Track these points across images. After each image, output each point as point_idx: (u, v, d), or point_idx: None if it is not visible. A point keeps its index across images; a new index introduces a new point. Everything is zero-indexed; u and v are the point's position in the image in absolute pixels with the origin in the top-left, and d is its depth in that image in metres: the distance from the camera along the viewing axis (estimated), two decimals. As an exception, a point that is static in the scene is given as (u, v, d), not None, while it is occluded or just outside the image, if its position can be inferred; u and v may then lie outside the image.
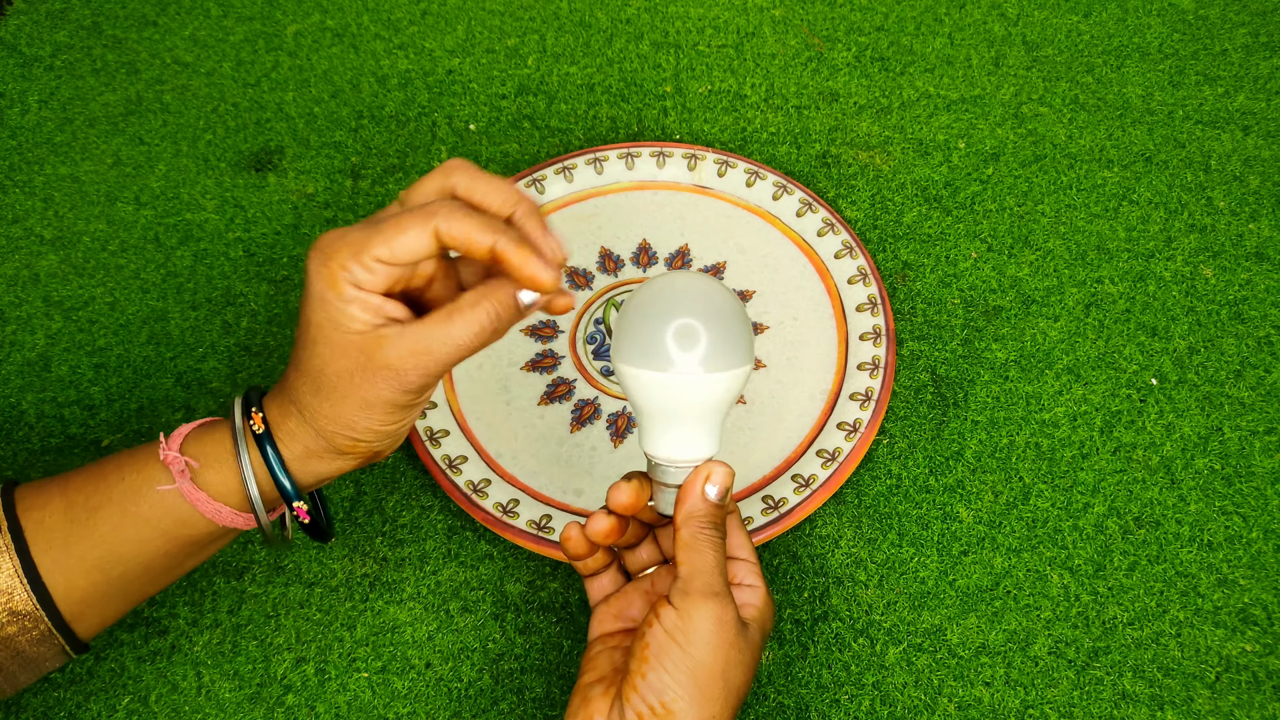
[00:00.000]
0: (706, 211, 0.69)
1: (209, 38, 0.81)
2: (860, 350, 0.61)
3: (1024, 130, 0.74)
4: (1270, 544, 0.56)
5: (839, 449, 0.57)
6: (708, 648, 0.40)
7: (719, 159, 0.70)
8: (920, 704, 0.51)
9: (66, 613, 0.41)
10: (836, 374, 0.61)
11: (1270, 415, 0.60)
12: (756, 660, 0.42)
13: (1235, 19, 0.80)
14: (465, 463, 0.57)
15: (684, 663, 0.39)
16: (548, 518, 0.55)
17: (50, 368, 0.64)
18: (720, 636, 0.40)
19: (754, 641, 0.42)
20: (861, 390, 0.59)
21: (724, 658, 0.40)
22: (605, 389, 0.61)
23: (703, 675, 0.40)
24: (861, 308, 0.63)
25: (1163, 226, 0.68)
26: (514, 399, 0.61)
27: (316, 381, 0.40)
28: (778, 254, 0.67)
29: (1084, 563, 0.55)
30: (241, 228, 0.70)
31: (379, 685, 0.52)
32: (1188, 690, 0.51)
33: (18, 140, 0.75)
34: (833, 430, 0.58)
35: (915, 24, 0.81)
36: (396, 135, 0.75)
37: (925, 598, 0.54)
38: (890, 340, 0.61)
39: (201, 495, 0.41)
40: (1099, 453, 0.59)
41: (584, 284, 0.66)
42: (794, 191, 0.68)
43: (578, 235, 0.68)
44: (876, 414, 0.58)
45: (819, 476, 0.56)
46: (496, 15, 0.82)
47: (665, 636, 0.40)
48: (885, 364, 0.60)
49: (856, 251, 0.65)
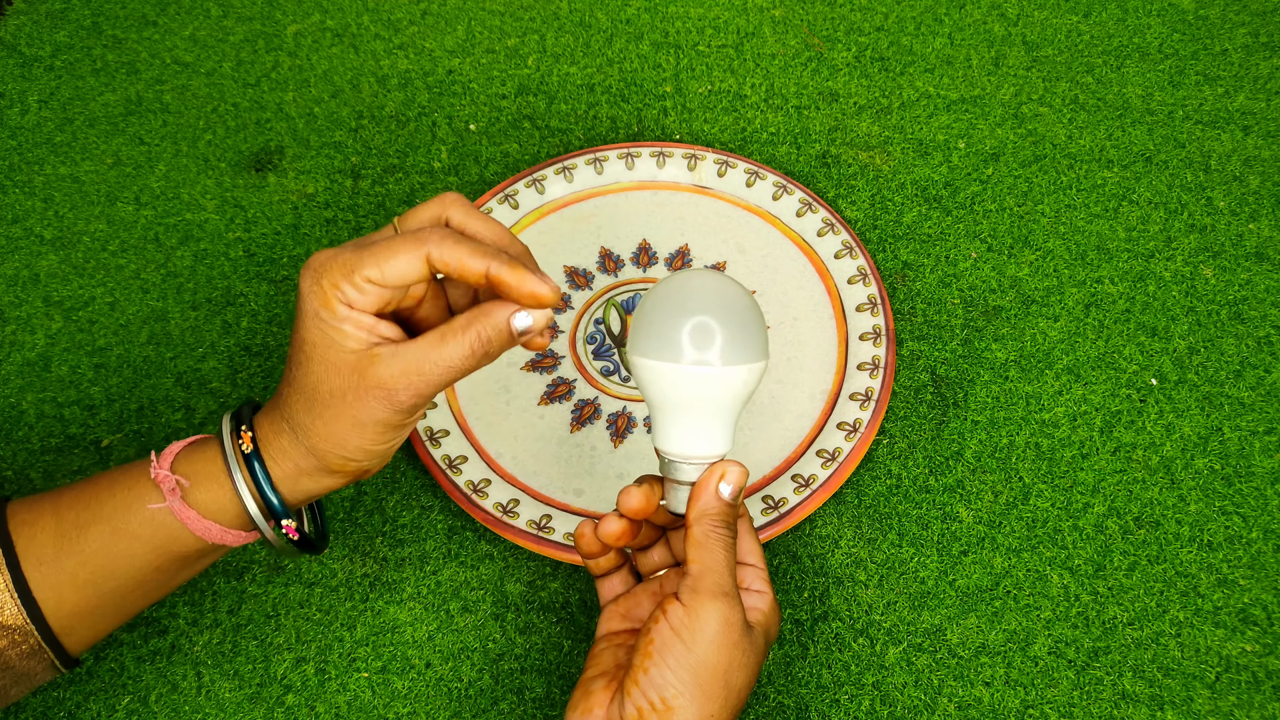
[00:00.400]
0: (706, 211, 0.69)
1: (209, 38, 0.81)
2: (860, 350, 0.61)
3: (1024, 130, 0.74)
4: (1270, 544, 0.56)
5: (839, 449, 0.57)
6: (712, 647, 0.40)
7: (719, 159, 0.70)
8: (920, 704, 0.51)
9: (56, 627, 0.41)
10: (836, 374, 0.61)
11: (1270, 415, 0.60)
12: (759, 665, 0.42)
13: (1235, 19, 0.80)
14: (465, 463, 0.57)
15: (687, 660, 0.39)
16: (548, 518, 0.55)
17: (50, 367, 0.64)
18: (725, 636, 0.40)
19: (758, 646, 0.42)
20: (861, 390, 0.59)
21: (727, 658, 0.40)
22: (605, 389, 0.61)
23: (705, 674, 0.39)
24: (861, 308, 0.63)
25: (1163, 226, 0.69)
26: (514, 399, 0.61)
27: (310, 399, 0.40)
28: (778, 254, 0.67)
29: (1084, 563, 0.55)
30: (241, 228, 0.70)
31: (379, 685, 0.52)
32: (1188, 690, 0.51)
33: (18, 140, 0.75)
34: (833, 430, 0.58)
35: (915, 24, 0.81)
36: (396, 135, 0.75)
37: (925, 598, 0.54)
38: (890, 340, 0.61)
39: (192, 514, 0.41)
40: (1099, 453, 0.59)
41: (584, 284, 0.66)
42: (794, 191, 0.68)
43: (578, 235, 0.68)
44: (876, 414, 0.58)
45: (819, 476, 0.56)
46: (496, 15, 0.82)
47: (671, 633, 0.40)
48: (885, 364, 0.60)
49: (856, 251, 0.65)
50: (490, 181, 0.72)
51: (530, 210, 0.69)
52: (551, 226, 0.68)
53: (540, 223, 0.69)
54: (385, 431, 0.40)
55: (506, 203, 0.68)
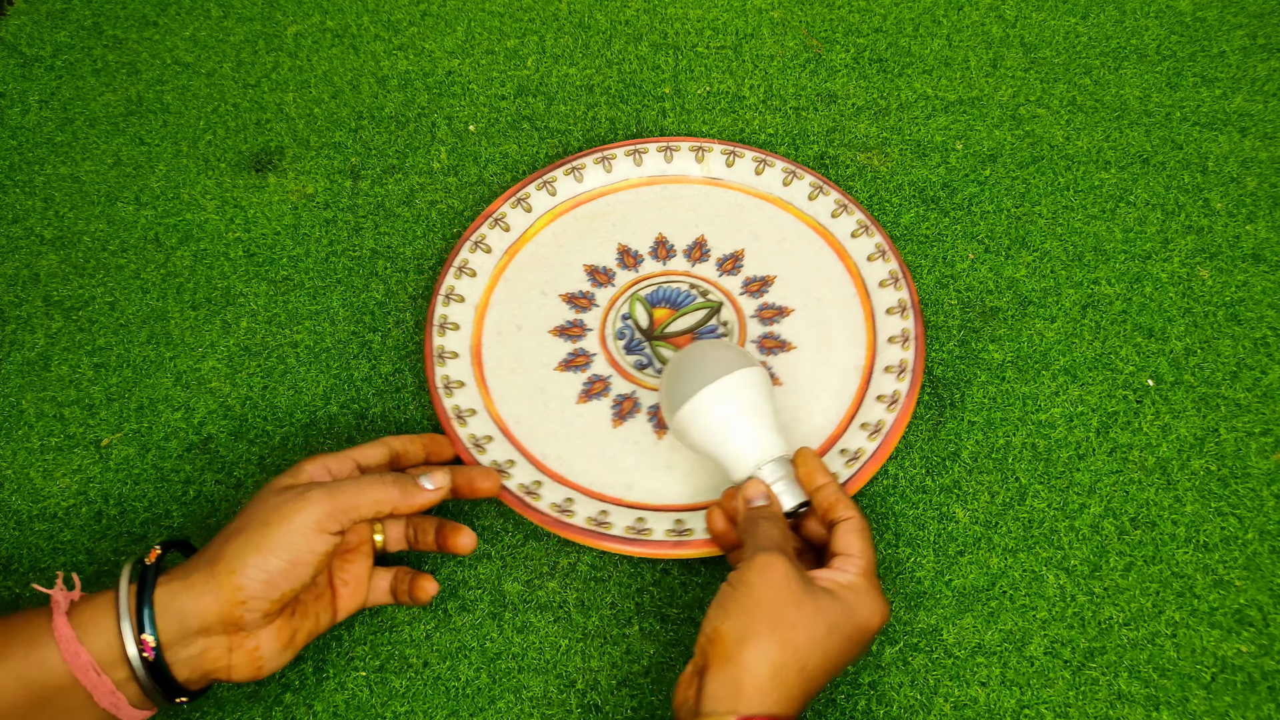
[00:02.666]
0: (718, 202, 0.70)
1: (209, 38, 0.82)
2: (888, 324, 0.63)
3: (1021, 132, 0.74)
4: (1266, 545, 0.56)
5: (881, 421, 0.58)
6: (758, 584, 0.45)
7: (725, 149, 0.71)
8: (916, 703, 0.51)
9: None
10: (868, 351, 0.62)
11: (1266, 417, 0.60)
12: (820, 619, 0.44)
13: (1233, 21, 0.80)
14: (513, 466, 0.58)
15: (734, 597, 0.45)
16: (604, 513, 0.56)
17: (50, 367, 0.64)
18: (768, 577, 0.45)
19: (826, 610, 0.45)
20: (895, 363, 0.60)
21: (773, 595, 0.44)
22: (641, 382, 0.62)
23: (750, 604, 0.44)
24: (884, 283, 0.64)
25: (1160, 228, 0.69)
26: (551, 399, 0.61)
27: (236, 531, 0.46)
28: (793, 239, 0.68)
29: (1080, 563, 0.55)
30: (241, 228, 0.70)
31: (376, 684, 0.53)
32: (1183, 691, 0.52)
33: (18, 140, 0.75)
34: (872, 404, 0.59)
35: (913, 25, 0.81)
36: (396, 136, 0.75)
37: (921, 598, 0.55)
38: (917, 313, 0.62)
39: (69, 632, 0.42)
40: (1095, 453, 0.59)
41: (606, 281, 0.66)
42: (803, 176, 0.69)
43: (591, 234, 0.69)
44: (913, 387, 0.59)
45: (866, 449, 0.57)
46: (496, 16, 0.83)
47: (727, 587, 0.46)
48: (915, 335, 0.61)
49: (873, 230, 0.66)
50: (489, 182, 0.72)
51: (543, 212, 0.69)
52: (566, 227, 0.69)
53: (555, 224, 0.69)
54: (305, 540, 0.45)
55: (519, 206, 0.69)
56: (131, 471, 0.60)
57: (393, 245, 0.69)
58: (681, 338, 0.63)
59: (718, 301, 0.65)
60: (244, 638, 0.46)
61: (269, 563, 0.44)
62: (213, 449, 0.61)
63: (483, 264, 0.66)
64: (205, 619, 0.44)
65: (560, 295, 0.66)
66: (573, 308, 0.65)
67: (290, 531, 0.45)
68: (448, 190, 0.72)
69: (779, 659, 0.43)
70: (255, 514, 0.46)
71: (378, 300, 0.67)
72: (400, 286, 0.67)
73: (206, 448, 0.61)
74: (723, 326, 0.64)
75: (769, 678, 0.43)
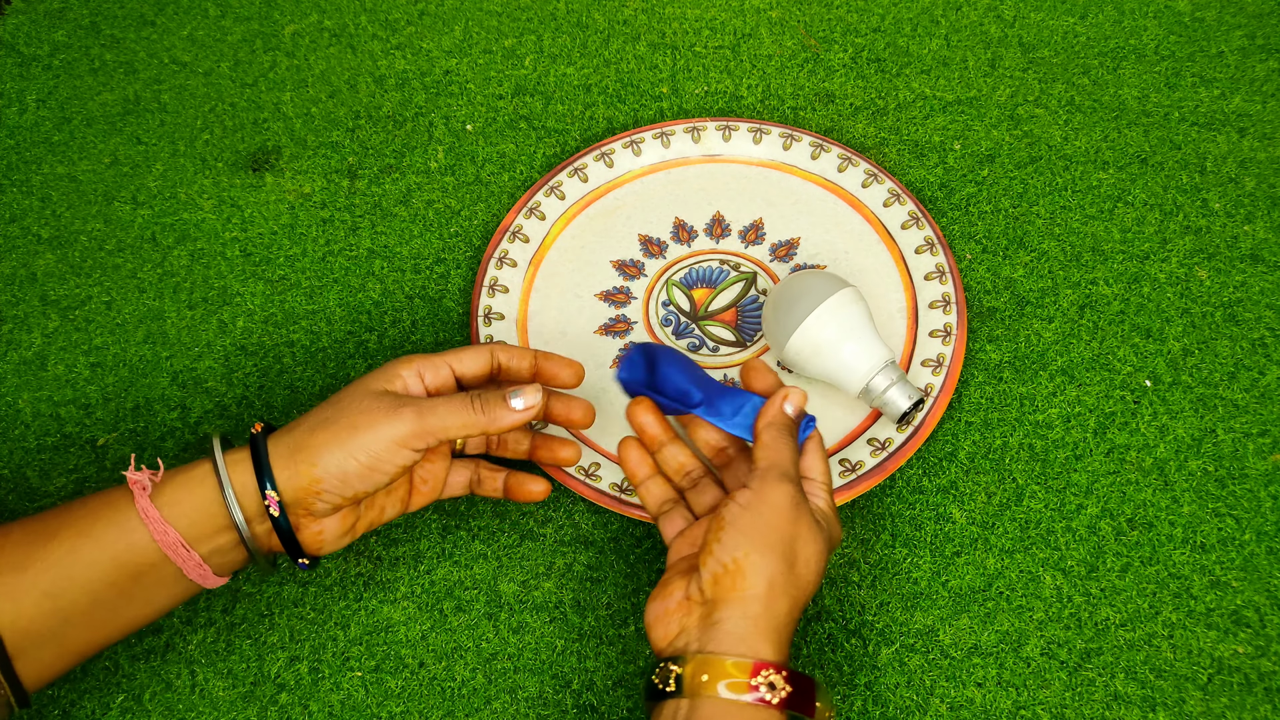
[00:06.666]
0: (725, 177, 0.71)
1: (207, 38, 0.81)
2: (919, 263, 0.64)
3: (1020, 132, 0.74)
4: (1263, 546, 0.56)
5: (941, 354, 0.60)
6: (777, 515, 0.44)
7: (720, 125, 0.72)
8: (912, 704, 0.51)
9: (11, 645, 0.42)
10: (906, 292, 0.64)
11: (1263, 417, 0.60)
12: (825, 552, 0.45)
13: (1231, 21, 0.80)
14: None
15: (756, 524, 0.43)
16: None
17: (47, 366, 0.64)
18: (790, 510, 0.44)
19: (823, 531, 0.45)
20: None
21: (792, 528, 0.44)
22: (699, 363, 0.62)
23: (773, 537, 0.43)
24: (905, 225, 0.66)
25: (1158, 228, 0.69)
26: (616, 398, 0.61)
27: (323, 423, 0.46)
28: (806, 199, 0.69)
29: (1077, 564, 0.55)
30: (238, 227, 0.70)
31: (372, 684, 0.53)
32: (1180, 692, 0.51)
33: (15, 139, 0.75)
34: (925, 339, 0.61)
35: (911, 25, 0.81)
36: (393, 135, 0.75)
37: (918, 598, 0.54)
38: (945, 247, 0.64)
39: (155, 513, 0.43)
40: (1092, 454, 0.59)
41: (636, 273, 0.67)
42: (802, 139, 0.71)
43: (610, 230, 0.69)
44: (960, 315, 0.61)
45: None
46: (494, 16, 0.82)
47: (739, 508, 0.44)
48: (949, 268, 0.63)
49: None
50: (486, 181, 0.72)
51: (556, 218, 0.69)
52: (582, 228, 0.69)
53: (570, 226, 0.69)
54: (388, 452, 0.45)
55: (533, 216, 0.68)
56: (128, 471, 0.60)
57: (389, 245, 0.69)
58: (726, 313, 0.64)
59: (750, 272, 0.66)
60: (310, 520, 0.47)
61: (349, 465, 0.45)
62: (209, 449, 0.60)
63: (512, 279, 0.66)
64: (280, 498, 0.45)
65: (596, 294, 0.66)
66: (611, 304, 0.65)
67: (376, 440, 0.45)
68: (445, 190, 0.72)
69: (795, 601, 0.43)
70: (345, 412, 0.46)
71: (374, 300, 0.67)
72: (397, 286, 0.67)
73: (203, 447, 0.60)
74: (762, 295, 0.65)
75: (786, 622, 0.43)
